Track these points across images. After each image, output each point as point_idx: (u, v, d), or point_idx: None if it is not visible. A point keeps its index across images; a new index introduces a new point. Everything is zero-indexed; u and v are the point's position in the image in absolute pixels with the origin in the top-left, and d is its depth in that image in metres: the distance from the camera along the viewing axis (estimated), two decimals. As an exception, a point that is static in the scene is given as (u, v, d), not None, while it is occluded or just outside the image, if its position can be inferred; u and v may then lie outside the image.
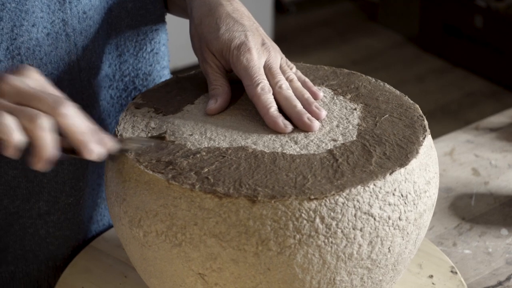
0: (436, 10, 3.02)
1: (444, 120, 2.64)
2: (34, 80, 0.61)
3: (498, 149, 1.07)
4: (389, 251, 0.63)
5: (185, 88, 0.77)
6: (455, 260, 0.85)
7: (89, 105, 0.81)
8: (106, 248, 0.84)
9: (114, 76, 0.83)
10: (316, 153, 0.65)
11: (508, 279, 0.83)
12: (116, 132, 0.70)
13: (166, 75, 0.90)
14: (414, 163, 0.64)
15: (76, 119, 0.59)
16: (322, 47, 3.16)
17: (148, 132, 0.69)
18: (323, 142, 0.67)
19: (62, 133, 0.60)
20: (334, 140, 0.67)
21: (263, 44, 0.73)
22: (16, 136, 0.57)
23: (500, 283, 0.82)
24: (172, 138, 0.68)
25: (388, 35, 3.31)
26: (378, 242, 0.62)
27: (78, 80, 0.78)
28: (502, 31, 2.76)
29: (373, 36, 3.31)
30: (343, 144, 0.66)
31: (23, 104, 0.58)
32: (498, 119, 1.15)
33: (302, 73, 0.77)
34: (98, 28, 0.79)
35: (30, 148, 0.59)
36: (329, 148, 0.66)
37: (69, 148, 0.61)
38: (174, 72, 0.87)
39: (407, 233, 0.64)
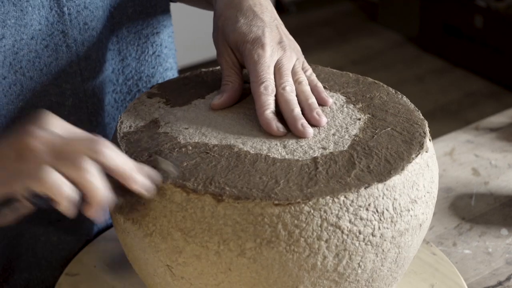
0: (436, 10, 3.02)
1: (444, 120, 2.64)
2: (58, 126, 0.58)
3: (498, 149, 1.07)
4: (360, 266, 0.62)
5: (203, 82, 0.77)
6: (455, 260, 0.85)
7: (94, 113, 0.81)
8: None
9: (117, 81, 0.83)
10: (300, 159, 0.64)
11: (508, 279, 0.83)
12: (119, 120, 0.70)
13: (170, 76, 0.90)
14: (396, 179, 0.62)
15: (116, 154, 0.57)
16: (322, 47, 3.17)
17: (149, 123, 0.69)
18: (312, 149, 0.66)
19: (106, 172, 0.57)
20: (324, 148, 0.66)
21: (280, 42, 0.72)
22: (67, 190, 0.54)
23: (500, 283, 0.82)
24: (168, 130, 0.68)
25: (388, 35, 3.31)
26: (346, 255, 0.61)
27: (81, 90, 0.78)
28: (502, 31, 2.76)
29: (373, 36, 3.31)
30: (331, 153, 0.65)
31: (60, 155, 0.55)
32: (498, 119, 1.15)
33: (326, 78, 0.76)
34: (101, 37, 0.79)
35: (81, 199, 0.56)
36: (315, 155, 0.65)
37: (115, 188, 0.58)
38: (180, 72, 0.87)
39: (383, 250, 0.62)
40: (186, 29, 2.64)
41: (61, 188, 0.54)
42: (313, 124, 0.68)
